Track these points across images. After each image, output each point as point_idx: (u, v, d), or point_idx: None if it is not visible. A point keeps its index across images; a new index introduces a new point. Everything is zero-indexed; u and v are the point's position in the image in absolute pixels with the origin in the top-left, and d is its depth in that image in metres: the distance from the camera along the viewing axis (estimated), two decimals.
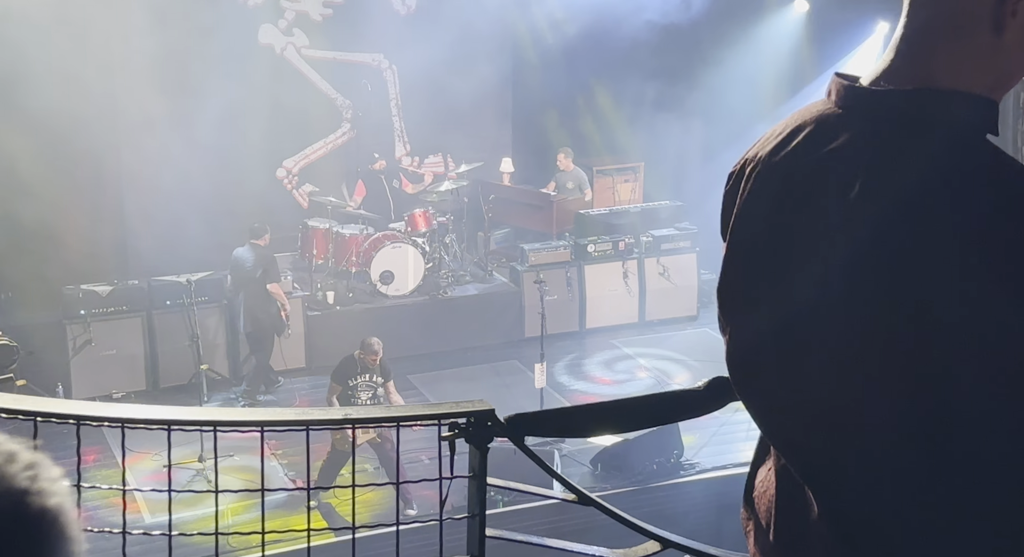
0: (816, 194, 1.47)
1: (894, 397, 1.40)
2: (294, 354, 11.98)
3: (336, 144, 14.04)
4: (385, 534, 3.91)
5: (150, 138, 12.38)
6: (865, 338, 1.41)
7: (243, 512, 8.03)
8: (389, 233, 12.62)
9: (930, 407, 1.38)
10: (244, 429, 2.27)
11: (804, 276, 1.47)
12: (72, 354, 11.19)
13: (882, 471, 1.43)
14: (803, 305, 1.47)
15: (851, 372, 1.43)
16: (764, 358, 1.55)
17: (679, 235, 13.60)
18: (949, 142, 1.40)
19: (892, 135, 1.44)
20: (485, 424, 2.27)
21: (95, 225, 12.18)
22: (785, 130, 1.56)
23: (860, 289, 1.40)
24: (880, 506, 1.44)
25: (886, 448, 1.42)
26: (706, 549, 2.32)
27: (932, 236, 1.35)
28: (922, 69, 1.45)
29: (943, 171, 1.38)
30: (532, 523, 8.57)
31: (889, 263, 1.37)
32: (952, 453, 1.38)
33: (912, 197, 1.37)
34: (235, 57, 12.70)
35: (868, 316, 1.40)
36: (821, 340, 1.45)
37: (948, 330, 1.35)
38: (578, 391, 11.71)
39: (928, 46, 1.46)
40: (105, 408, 2.24)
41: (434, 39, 13.07)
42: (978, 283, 1.33)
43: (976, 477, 1.38)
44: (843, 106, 1.51)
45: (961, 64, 1.44)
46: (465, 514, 2.33)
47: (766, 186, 1.56)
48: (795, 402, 1.50)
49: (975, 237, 1.33)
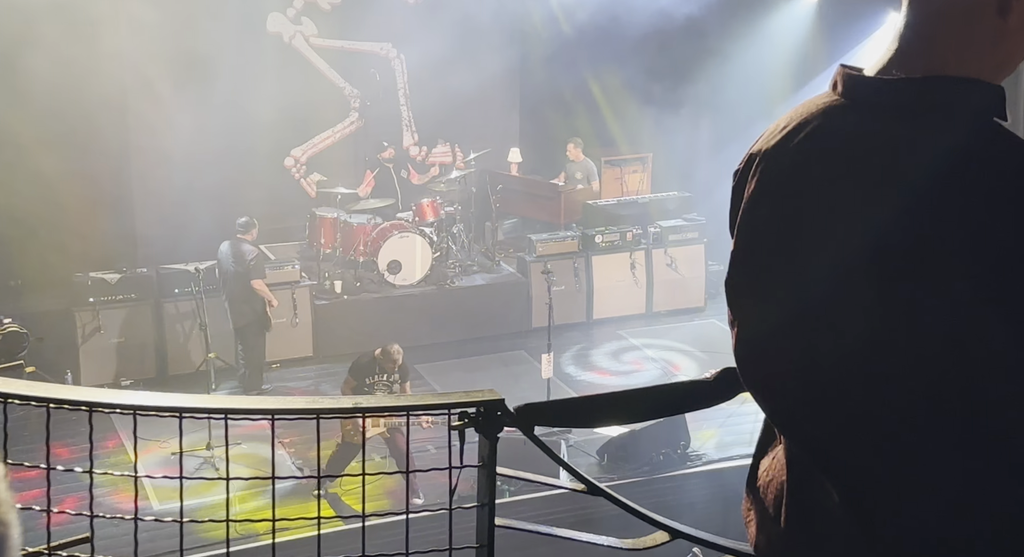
0: (828, 183, 1.48)
1: (925, 374, 1.41)
2: (301, 343, 12.01)
3: (344, 133, 14.04)
4: (389, 524, 3.93)
5: (159, 126, 12.39)
6: (890, 321, 1.42)
7: (250, 500, 8.06)
8: (397, 223, 12.62)
9: (964, 381, 1.39)
10: (255, 417, 2.28)
11: (819, 263, 1.48)
12: (81, 341, 11.23)
13: (908, 452, 1.44)
14: (818, 292, 1.48)
15: (876, 354, 1.43)
16: (775, 346, 1.56)
17: (687, 226, 13.58)
18: (967, 127, 1.42)
19: (907, 123, 1.44)
20: (495, 414, 2.28)
21: (104, 213, 12.21)
22: (790, 124, 1.57)
23: (885, 271, 1.41)
24: (905, 488, 1.45)
25: (914, 429, 1.43)
26: (715, 539, 2.33)
27: (963, 218, 1.37)
28: (930, 57, 1.47)
29: (968, 155, 1.39)
30: (537, 513, 8.59)
31: (919, 244, 1.39)
32: (985, 427, 1.39)
33: (939, 182, 1.38)
34: (243, 45, 12.70)
35: (894, 300, 1.41)
36: (839, 326, 1.46)
37: (982, 305, 1.37)
38: (585, 381, 11.72)
39: (935, 34, 1.47)
40: (117, 395, 2.25)
41: (443, 28, 13.05)
42: (1015, 259, 1.35)
43: (1011, 451, 1.39)
44: (851, 97, 1.51)
45: (967, 50, 1.46)
46: (474, 503, 2.34)
47: (774, 178, 1.56)
48: (810, 390, 1.51)
49: (1008, 216, 1.36)
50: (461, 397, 2.32)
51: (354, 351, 11.84)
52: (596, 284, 13.16)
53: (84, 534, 2.28)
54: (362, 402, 2.33)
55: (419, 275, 12.53)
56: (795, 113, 1.57)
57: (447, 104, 13.58)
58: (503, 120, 14.54)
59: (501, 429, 2.30)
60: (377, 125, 13.85)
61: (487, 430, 2.28)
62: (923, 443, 1.43)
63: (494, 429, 2.28)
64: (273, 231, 13.31)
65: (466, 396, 2.32)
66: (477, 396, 2.30)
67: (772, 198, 1.55)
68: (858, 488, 1.48)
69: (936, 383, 1.41)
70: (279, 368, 11.88)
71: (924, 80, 1.45)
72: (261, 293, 11.02)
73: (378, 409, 2.40)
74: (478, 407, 2.27)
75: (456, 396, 2.33)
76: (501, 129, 14.46)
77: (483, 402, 2.27)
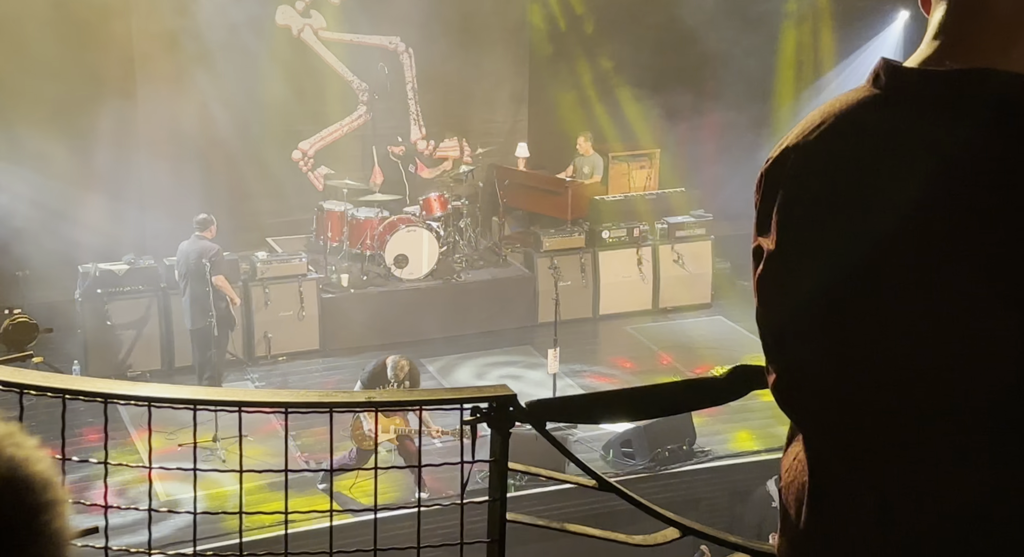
0: (871, 177, 1.46)
1: (975, 372, 1.40)
2: (308, 336, 12.03)
3: (352, 127, 14.04)
4: (392, 518, 3.96)
5: (167, 118, 12.41)
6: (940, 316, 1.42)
7: (256, 492, 8.08)
8: (404, 217, 12.63)
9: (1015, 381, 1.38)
10: (269, 410, 2.29)
11: (867, 249, 1.46)
12: (88, 332, 11.26)
13: (969, 441, 1.43)
14: (864, 288, 1.46)
15: (942, 338, 1.42)
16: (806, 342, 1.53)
17: (694, 222, 13.58)
18: (1017, 120, 1.41)
19: (954, 116, 1.43)
20: (507, 409, 2.28)
21: (112, 204, 12.22)
22: (827, 118, 1.52)
23: (944, 267, 1.40)
24: (932, 490, 1.45)
25: (961, 430, 1.42)
26: (724, 536, 2.34)
27: (1017, 212, 1.37)
28: (976, 51, 1.46)
29: (1019, 147, 1.39)
30: (542, 508, 8.60)
31: (985, 234, 1.38)
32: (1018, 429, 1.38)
33: (987, 174, 1.38)
34: (252, 38, 12.71)
35: (961, 296, 1.40)
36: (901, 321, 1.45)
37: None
38: (591, 377, 11.73)
39: (980, 28, 1.46)
40: (132, 387, 2.26)
41: (451, 22, 13.04)
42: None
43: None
44: (894, 89, 1.49)
45: (1016, 45, 1.45)
46: (485, 498, 2.35)
47: (812, 174, 1.53)
48: (847, 394, 1.49)
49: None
50: (473, 392, 2.33)
51: (360, 344, 11.90)
52: (603, 280, 13.17)
53: (92, 525, 2.29)
54: (375, 396, 2.34)
55: (426, 269, 12.54)
56: (831, 107, 1.54)
57: (455, 98, 13.57)
58: (511, 115, 14.53)
59: (513, 424, 2.30)
60: (385, 119, 13.85)
61: (499, 425, 2.29)
62: (958, 445, 1.43)
63: (506, 424, 2.29)
64: (280, 224, 13.33)
65: (478, 391, 2.33)
66: (489, 391, 2.31)
67: (809, 195, 1.53)
68: (889, 489, 1.48)
69: (984, 381, 1.40)
70: (285, 361, 11.90)
71: (971, 72, 1.44)
72: (222, 289, 10.65)
73: (391, 403, 2.41)
74: (490, 402, 2.28)
75: (469, 391, 2.33)
76: (509, 124, 14.46)
77: (496, 397, 2.28)
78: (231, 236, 11.85)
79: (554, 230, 13.24)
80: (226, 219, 11.64)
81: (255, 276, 11.89)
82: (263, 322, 11.88)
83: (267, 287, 11.88)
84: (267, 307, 11.89)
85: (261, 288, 11.86)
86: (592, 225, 13.35)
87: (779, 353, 1.59)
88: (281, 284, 11.93)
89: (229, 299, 10.74)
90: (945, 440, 1.43)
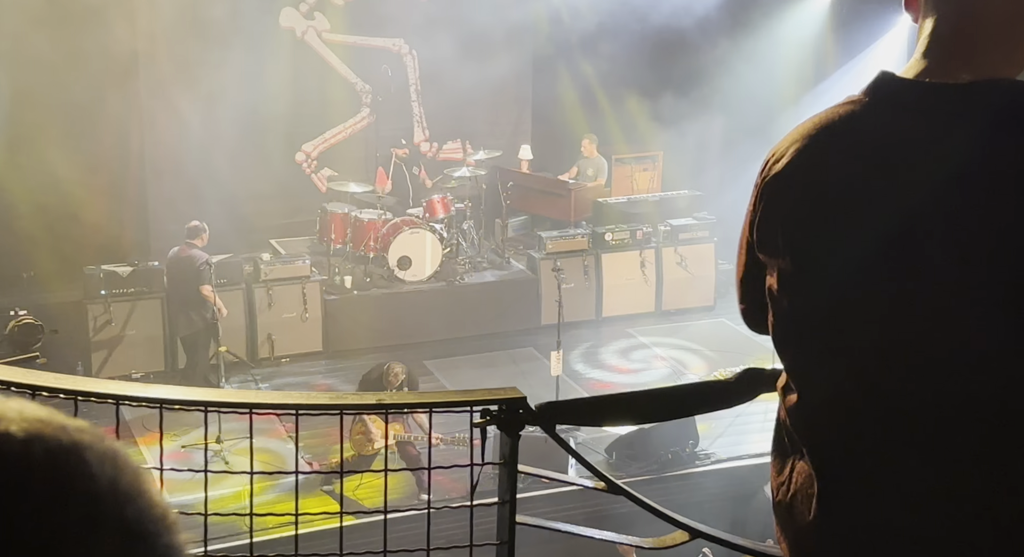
0: (862, 186, 1.48)
1: (975, 375, 1.42)
2: (311, 338, 12.04)
3: (355, 129, 14.05)
4: (397, 520, 3.95)
5: (171, 120, 12.43)
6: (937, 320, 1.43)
7: (260, 494, 8.07)
8: (407, 219, 12.64)
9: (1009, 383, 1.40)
10: (279, 413, 2.30)
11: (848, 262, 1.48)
12: (92, 334, 11.26)
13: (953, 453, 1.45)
14: (865, 290, 1.48)
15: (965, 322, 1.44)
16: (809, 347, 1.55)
17: (697, 225, 13.58)
18: (1019, 128, 1.42)
19: (954, 125, 1.44)
20: (517, 412, 2.29)
21: (117, 206, 12.25)
22: (819, 127, 1.54)
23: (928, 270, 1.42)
24: (948, 491, 1.46)
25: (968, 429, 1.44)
26: (733, 539, 2.34)
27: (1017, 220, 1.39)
28: (975, 60, 1.46)
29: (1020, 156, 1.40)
30: (548, 510, 8.59)
31: (969, 245, 1.40)
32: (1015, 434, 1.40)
33: (987, 182, 1.40)
34: (256, 40, 12.72)
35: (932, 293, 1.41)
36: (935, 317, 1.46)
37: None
38: (594, 379, 11.73)
39: (978, 37, 1.47)
40: (144, 389, 2.27)
41: (455, 25, 13.05)
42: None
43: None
44: (892, 101, 1.51)
45: (1016, 52, 1.46)
46: (495, 500, 2.36)
47: (806, 182, 1.55)
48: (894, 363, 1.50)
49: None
50: (484, 395, 2.34)
51: (363, 347, 11.90)
52: (606, 282, 13.17)
53: None
54: (385, 398, 2.34)
55: (429, 271, 12.54)
56: (827, 117, 1.55)
57: (458, 101, 13.58)
58: (514, 117, 14.54)
59: (523, 427, 2.31)
60: (388, 121, 13.86)
61: (509, 428, 2.29)
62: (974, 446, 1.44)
63: (516, 427, 2.30)
64: (284, 226, 13.33)
65: (489, 394, 2.33)
66: (500, 394, 2.31)
67: (809, 202, 1.54)
68: (899, 487, 1.49)
69: (986, 380, 1.41)
70: (288, 363, 11.91)
71: (973, 85, 1.45)
72: (208, 299, 10.66)
73: (401, 405, 2.42)
74: (500, 405, 2.28)
75: (479, 394, 2.34)
76: (512, 126, 14.47)
77: (505, 400, 2.28)
78: (234, 238, 11.86)
79: (557, 232, 13.25)
80: (229, 221, 11.66)
81: (258, 278, 11.90)
82: (266, 324, 11.88)
83: (270, 289, 11.88)
84: (270, 309, 11.90)
85: (264, 290, 11.87)
86: (595, 227, 13.35)
87: (784, 355, 1.62)
88: (284, 286, 11.93)
89: (216, 309, 10.71)
90: (952, 438, 1.45)
